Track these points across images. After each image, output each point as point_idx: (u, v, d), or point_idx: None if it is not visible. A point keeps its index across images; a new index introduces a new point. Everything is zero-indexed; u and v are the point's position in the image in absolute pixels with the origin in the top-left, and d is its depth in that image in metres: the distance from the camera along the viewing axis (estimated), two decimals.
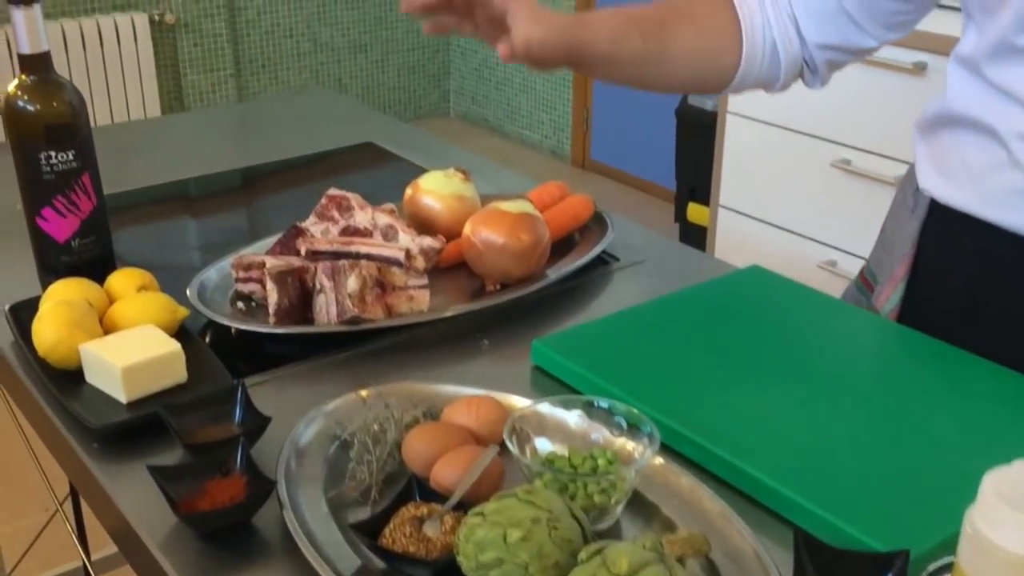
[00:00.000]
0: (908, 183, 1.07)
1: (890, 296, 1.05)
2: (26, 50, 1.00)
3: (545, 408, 0.80)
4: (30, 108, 1.01)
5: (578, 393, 0.91)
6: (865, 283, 1.10)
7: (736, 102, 2.58)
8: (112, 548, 1.75)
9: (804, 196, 2.47)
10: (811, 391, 0.87)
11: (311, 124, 1.70)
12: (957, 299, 0.98)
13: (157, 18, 3.91)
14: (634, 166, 4.00)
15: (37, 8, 0.99)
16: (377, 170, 1.51)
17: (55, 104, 1.01)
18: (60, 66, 3.62)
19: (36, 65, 1.01)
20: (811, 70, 1.06)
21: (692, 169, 2.97)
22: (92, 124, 1.06)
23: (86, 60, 3.70)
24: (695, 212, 2.99)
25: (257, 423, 0.83)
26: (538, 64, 0.97)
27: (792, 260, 2.52)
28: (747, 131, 2.57)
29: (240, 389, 0.84)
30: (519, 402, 0.85)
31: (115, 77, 3.78)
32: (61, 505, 1.41)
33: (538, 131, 4.42)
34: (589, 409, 0.80)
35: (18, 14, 0.98)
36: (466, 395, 0.85)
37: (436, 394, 0.87)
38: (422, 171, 1.45)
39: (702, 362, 0.92)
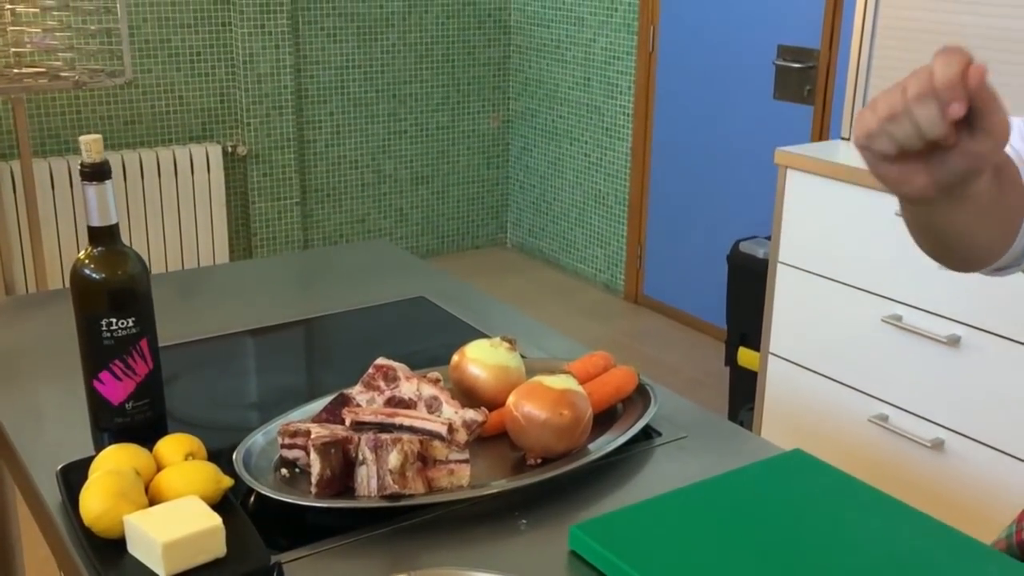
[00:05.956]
0: None
1: None
2: (96, 223, 1.05)
3: None
4: (95, 277, 1.06)
5: None
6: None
7: (787, 251, 2.59)
8: None
9: (855, 348, 2.45)
10: None
11: (368, 276, 1.74)
12: None
13: (230, 149, 4.08)
14: (687, 304, 4.00)
15: (109, 184, 1.05)
16: (428, 326, 1.54)
17: (119, 273, 1.06)
18: (135, 194, 3.77)
19: (104, 237, 1.06)
20: None
21: (743, 314, 2.97)
22: (163, 256, 1.11)
23: (160, 186, 3.85)
24: (746, 357, 2.97)
25: None
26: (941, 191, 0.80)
27: (843, 413, 2.48)
28: (797, 281, 2.57)
29: (276, 571, 0.85)
30: None
31: (186, 203, 3.92)
32: None
33: (592, 265, 4.46)
34: None
35: (90, 190, 1.04)
36: None
37: None
38: (471, 329, 1.48)
39: (739, 557, 0.91)
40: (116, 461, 0.98)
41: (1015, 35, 2.26)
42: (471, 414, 1.08)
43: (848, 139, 2.63)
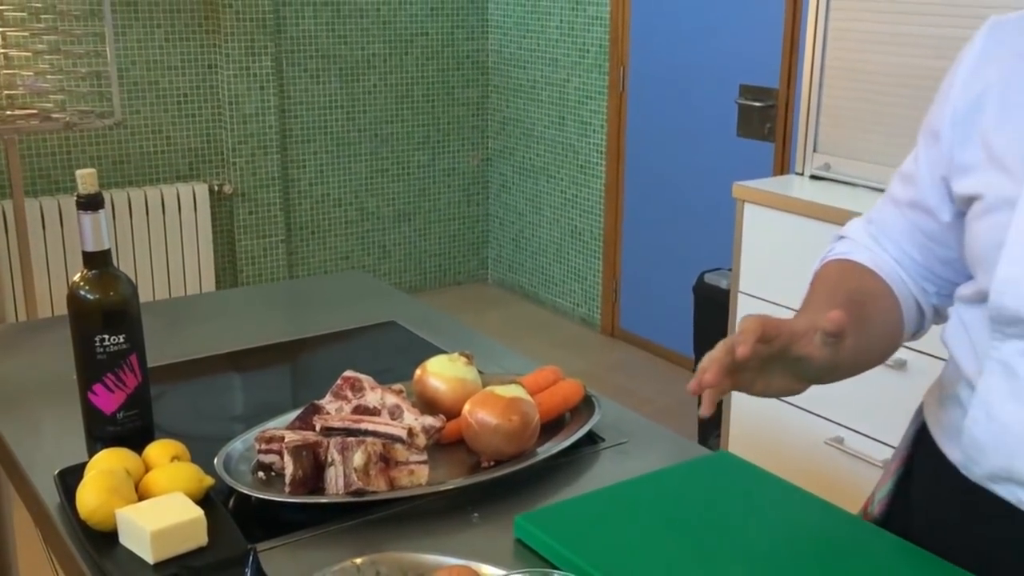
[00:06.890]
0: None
1: (883, 485, 1.16)
2: (90, 248, 1.17)
3: None
4: (90, 297, 1.17)
5: (552, 566, 1.02)
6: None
7: (747, 281, 2.72)
8: None
9: None
10: None
11: (344, 303, 1.86)
12: (935, 505, 1.08)
13: (216, 188, 4.20)
14: (662, 336, 4.13)
15: (102, 213, 1.17)
16: (396, 347, 1.65)
17: (111, 294, 1.18)
18: (124, 232, 3.89)
19: (98, 261, 1.18)
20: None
21: (709, 344, 3.07)
22: (151, 291, 1.22)
23: (149, 225, 3.97)
24: None
25: None
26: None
27: (801, 436, 2.60)
28: (757, 310, 2.70)
29: (251, 556, 0.96)
30: (494, 572, 0.95)
31: (174, 241, 4.04)
32: None
33: (570, 299, 4.59)
34: None
35: (85, 218, 1.16)
36: (448, 564, 0.96)
37: (423, 563, 0.99)
38: (437, 349, 1.60)
39: (665, 543, 1.02)
40: (109, 462, 1.09)
41: None
42: (430, 420, 1.19)
43: (802, 174, 2.77)
